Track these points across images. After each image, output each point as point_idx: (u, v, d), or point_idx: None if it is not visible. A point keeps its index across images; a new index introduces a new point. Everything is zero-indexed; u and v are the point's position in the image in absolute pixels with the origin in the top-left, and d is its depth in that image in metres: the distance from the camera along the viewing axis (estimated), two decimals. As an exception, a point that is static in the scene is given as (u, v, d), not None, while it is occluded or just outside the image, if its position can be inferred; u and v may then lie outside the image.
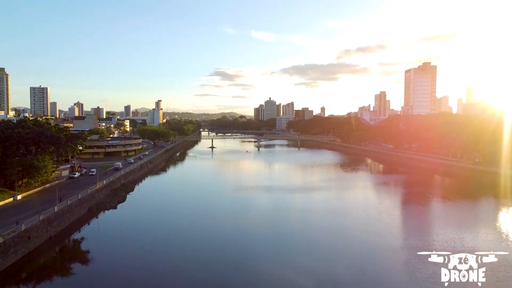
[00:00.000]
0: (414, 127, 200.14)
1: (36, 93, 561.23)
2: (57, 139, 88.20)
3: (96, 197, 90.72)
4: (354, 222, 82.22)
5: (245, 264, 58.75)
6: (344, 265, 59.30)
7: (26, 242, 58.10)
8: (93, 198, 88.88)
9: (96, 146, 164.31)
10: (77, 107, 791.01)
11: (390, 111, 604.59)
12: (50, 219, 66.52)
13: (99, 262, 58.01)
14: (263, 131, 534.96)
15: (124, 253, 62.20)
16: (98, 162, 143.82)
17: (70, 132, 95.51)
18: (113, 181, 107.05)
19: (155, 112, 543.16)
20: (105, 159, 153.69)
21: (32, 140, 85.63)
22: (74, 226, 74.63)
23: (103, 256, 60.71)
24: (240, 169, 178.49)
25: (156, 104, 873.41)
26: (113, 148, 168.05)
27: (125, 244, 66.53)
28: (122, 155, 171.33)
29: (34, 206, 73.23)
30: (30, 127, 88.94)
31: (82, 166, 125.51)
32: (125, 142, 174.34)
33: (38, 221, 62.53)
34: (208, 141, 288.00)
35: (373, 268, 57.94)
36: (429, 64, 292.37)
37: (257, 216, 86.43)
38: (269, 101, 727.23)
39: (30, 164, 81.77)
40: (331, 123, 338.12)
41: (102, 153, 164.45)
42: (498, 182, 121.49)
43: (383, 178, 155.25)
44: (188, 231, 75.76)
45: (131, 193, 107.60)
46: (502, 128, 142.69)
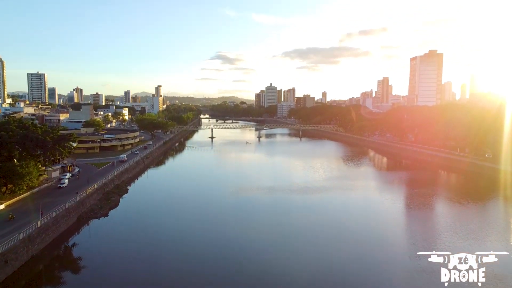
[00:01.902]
0: (419, 119, 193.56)
1: (34, 79, 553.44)
2: (43, 142, 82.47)
3: (86, 204, 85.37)
4: (356, 223, 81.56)
5: (252, 276, 56.49)
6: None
7: (3, 266, 52.90)
8: (82, 205, 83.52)
9: (90, 140, 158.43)
10: (76, 93, 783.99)
11: (393, 97, 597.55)
12: (32, 237, 61.23)
13: (89, 278, 54.83)
14: (264, 118, 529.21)
15: (118, 268, 59.14)
16: (92, 159, 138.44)
17: (58, 134, 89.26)
18: (106, 183, 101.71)
19: (154, 99, 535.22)
20: (100, 154, 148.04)
21: (15, 143, 79.95)
22: (60, 240, 69.44)
23: (94, 272, 57.14)
24: (240, 164, 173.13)
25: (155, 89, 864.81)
26: (109, 142, 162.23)
27: (120, 255, 63.37)
28: (118, 149, 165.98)
29: (17, 218, 67.93)
30: (14, 130, 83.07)
31: (75, 164, 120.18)
32: (121, 136, 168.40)
33: (17, 240, 57.25)
34: (208, 130, 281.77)
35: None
36: (435, 52, 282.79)
37: (258, 222, 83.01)
38: (270, 87, 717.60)
39: (12, 171, 76.23)
40: (333, 112, 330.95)
41: (97, 147, 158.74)
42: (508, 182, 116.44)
43: (388, 175, 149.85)
44: (184, 237, 72.11)
45: (125, 195, 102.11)
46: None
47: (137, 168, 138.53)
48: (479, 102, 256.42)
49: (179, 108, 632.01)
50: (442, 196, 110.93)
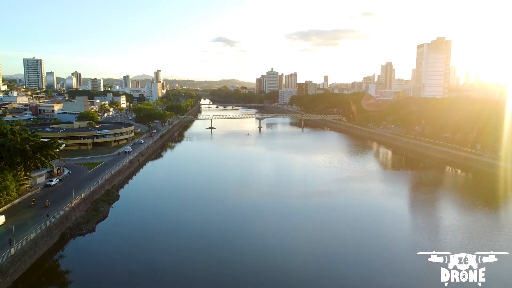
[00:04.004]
0: (427, 111, 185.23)
1: (30, 65, 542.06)
2: (22, 151, 75.00)
3: (71, 218, 78.36)
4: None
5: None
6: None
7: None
8: (67, 220, 76.50)
9: (83, 136, 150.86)
10: (74, 77, 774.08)
11: (396, 82, 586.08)
12: (3, 268, 54.32)
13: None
14: (265, 105, 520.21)
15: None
16: (83, 157, 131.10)
17: (39, 141, 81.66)
18: (95, 190, 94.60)
19: (153, 85, 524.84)
20: (93, 152, 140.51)
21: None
22: (40, 264, 62.64)
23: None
24: (240, 161, 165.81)
25: (155, 74, 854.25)
26: (102, 138, 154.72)
27: (106, 280, 57.98)
28: (113, 145, 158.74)
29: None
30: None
31: (64, 166, 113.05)
32: (115, 131, 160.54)
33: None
34: (207, 120, 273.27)
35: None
36: (443, 39, 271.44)
37: (259, 229, 79.46)
38: (271, 72, 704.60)
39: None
40: (336, 100, 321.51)
41: (90, 143, 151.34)
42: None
43: (394, 175, 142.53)
44: (179, 253, 66.96)
45: (115, 203, 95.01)
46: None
47: (131, 167, 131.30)
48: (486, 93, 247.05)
49: (178, 93, 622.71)
50: (450, 198, 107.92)
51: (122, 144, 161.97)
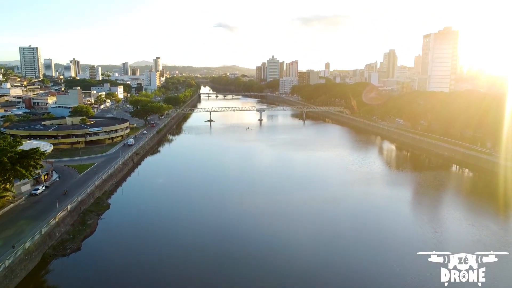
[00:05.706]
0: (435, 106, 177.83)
1: (26, 53, 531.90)
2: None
3: (55, 235, 72.29)
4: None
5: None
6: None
7: None
8: (50, 238, 70.46)
9: (75, 135, 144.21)
10: (73, 65, 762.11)
11: (399, 69, 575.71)
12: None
13: None
14: (265, 94, 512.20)
15: None
16: (75, 158, 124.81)
17: (18, 151, 75.07)
18: (83, 200, 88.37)
19: (152, 74, 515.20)
20: (86, 151, 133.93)
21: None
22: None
23: None
24: (240, 159, 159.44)
25: (154, 62, 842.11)
26: (95, 136, 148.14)
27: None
28: (107, 143, 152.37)
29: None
30: (-37, 150, 69.25)
31: (53, 170, 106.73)
32: (109, 128, 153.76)
33: None
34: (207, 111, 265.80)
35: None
36: (450, 29, 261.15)
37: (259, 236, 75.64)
38: (272, 60, 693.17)
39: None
40: (338, 91, 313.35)
41: (83, 142, 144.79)
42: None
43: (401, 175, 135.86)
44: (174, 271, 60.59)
45: (105, 214, 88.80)
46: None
47: (125, 169, 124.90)
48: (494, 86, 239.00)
49: (178, 82, 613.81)
50: (454, 200, 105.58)
51: (117, 141, 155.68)
